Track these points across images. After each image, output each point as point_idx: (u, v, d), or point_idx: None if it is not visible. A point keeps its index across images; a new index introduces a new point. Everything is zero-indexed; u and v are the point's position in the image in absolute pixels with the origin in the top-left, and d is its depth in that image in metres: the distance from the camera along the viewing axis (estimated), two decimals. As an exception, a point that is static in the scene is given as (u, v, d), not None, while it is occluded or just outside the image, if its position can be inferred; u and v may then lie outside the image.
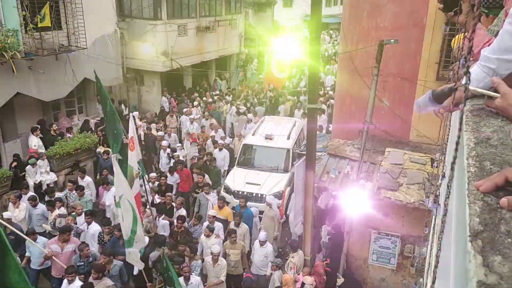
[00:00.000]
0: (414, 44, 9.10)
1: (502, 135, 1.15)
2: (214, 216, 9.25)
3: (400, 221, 8.71)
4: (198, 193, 10.87)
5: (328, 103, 17.56)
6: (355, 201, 7.80)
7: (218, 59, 22.52)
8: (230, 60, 24.13)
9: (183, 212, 9.82)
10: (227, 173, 12.61)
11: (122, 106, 17.76)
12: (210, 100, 19.27)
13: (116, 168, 7.07)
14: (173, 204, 10.09)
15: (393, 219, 8.71)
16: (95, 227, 8.84)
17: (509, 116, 1.26)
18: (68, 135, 13.47)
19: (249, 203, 10.78)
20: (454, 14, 2.59)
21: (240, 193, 11.15)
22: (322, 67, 24.25)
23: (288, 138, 12.64)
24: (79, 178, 11.06)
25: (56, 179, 12.12)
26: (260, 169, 12.17)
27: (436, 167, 7.22)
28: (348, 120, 10.38)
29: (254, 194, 11.15)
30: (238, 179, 11.72)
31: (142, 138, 14.78)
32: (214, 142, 13.43)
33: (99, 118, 15.44)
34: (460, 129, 0.84)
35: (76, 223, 8.86)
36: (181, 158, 12.66)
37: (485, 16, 2.73)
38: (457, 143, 0.83)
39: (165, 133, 14.68)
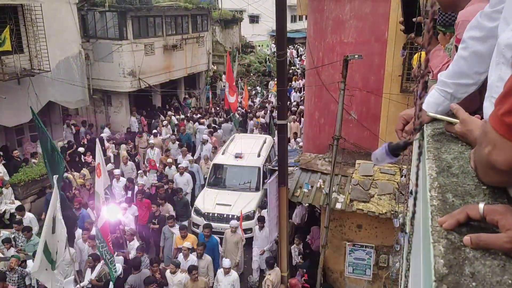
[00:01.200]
0: (377, 58, 9.34)
1: (463, 162, 1.17)
2: (189, 249, 8.67)
3: (373, 232, 8.82)
4: (155, 223, 10.26)
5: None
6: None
7: (187, 77, 22.48)
8: (199, 77, 24.12)
9: (135, 244, 9.24)
10: (191, 196, 12.19)
11: (106, 129, 17.22)
12: (182, 116, 19.11)
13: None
14: (124, 237, 9.44)
15: (367, 230, 8.81)
16: None
17: (468, 141, 1.29)
18: (33, 160, 13.04)
19: (220, 225, 10.48)
20: (416, 35, 2.65)
21: (210, 215, 10.84)
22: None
23: (259, 156, 12.35)
24: (20, 217, 10.00)
25: (21, 207, 11.64)
26: (230, 189, 11.84)
27: (405, 176, 7.36)
28: (318, 134, 10.49)
29: (225, 215, 10.78)
30: (208, 201, 11.33)
31: (112, 161, 14.44)
32: (177, 166, 12.93)
33: (66, 142, 15.04)
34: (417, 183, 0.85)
35: (20, 264, 8.24)
36: (141, 184, 11.74)
37: (442, 34, 2.81)
38: (417, 185, 0.84)
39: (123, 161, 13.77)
